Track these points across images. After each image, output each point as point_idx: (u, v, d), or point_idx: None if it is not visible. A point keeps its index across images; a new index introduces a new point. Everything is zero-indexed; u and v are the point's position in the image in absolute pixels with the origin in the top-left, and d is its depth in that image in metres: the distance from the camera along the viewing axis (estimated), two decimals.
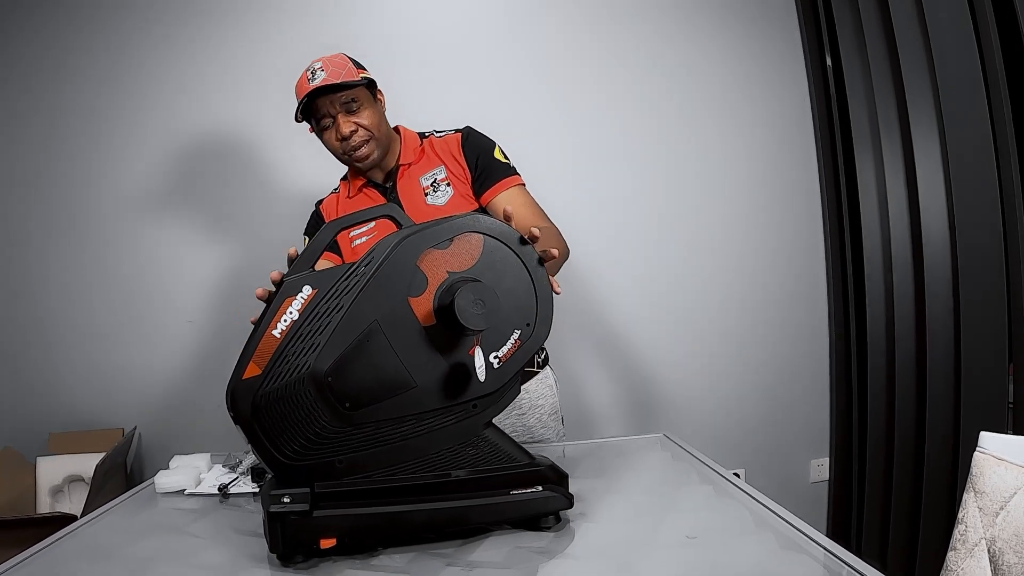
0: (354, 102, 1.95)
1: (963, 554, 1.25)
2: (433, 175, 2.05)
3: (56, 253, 3.14)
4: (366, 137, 1.97)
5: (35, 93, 3.15)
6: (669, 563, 1.23)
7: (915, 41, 2.66)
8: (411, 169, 2.07)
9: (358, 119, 1.96)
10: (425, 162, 2.08)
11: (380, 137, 2.01)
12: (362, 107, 1.97)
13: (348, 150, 1.98)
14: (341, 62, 1.96)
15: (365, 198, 2.10)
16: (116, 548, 1.44)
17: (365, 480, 1.28)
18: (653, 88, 3.36)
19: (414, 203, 2.02)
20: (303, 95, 1.92)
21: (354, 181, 2.13)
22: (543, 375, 2.18)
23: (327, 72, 1.91)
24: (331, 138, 1.99)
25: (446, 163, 2.05)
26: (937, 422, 2.65)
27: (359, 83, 1.95)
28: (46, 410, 3.13)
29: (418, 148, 2.10)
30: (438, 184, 2.04)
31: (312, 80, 1.91)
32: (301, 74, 1.96)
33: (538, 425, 2.14)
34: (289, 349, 1.22)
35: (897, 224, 2.85)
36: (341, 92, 1.93)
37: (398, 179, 2.07)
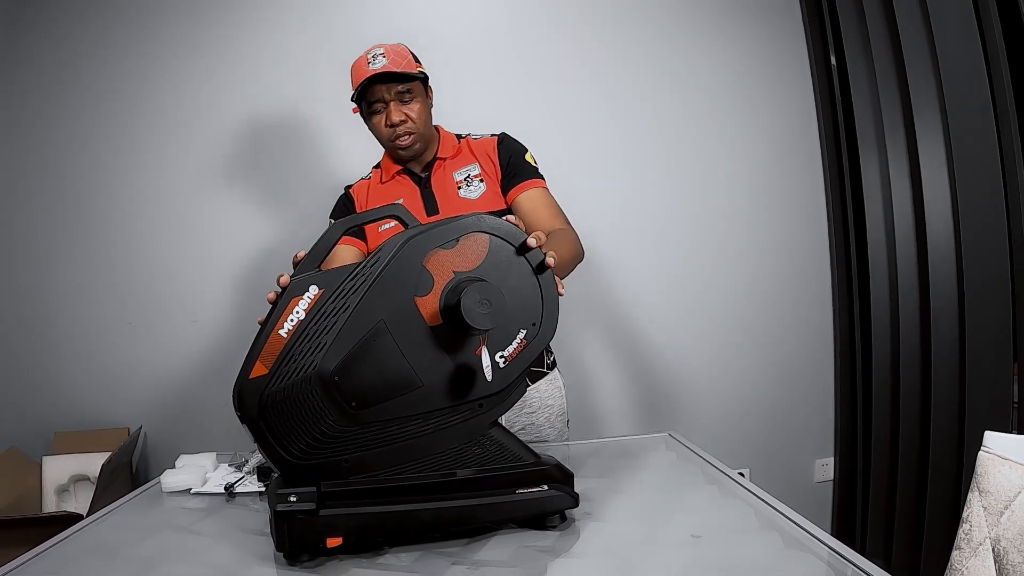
0: (408, 93, 2.02)
1: (967, 553, 1.25)
2: (467, 171, 2.12)
3: (62, 253, 3.15)
4: (413, 128, 2.04)
5: (40, 92, 3.16)
6: (674, 562, 1.23)
7: (919, 40, 2.66)
8: (447, 163, 2.14)
9: (409, 110, 2.02)
10: (461, 158, 2.15)
11: (425, 131, 2.08)
12: (415, 99, 2.04)
13: (394, 137, 2.04)
14: (403, 52, 2.03)
15: (398, 185, 2.15)
16: (122, 547, 1.45)
17: (371, 479, 1.28)
18: (656, 88, 3.36)
19: (447, 195, 2.09)
20: (364, 78, 1.97)
21: (388, 168, 2.18)
22: (552, 377, 2.23)
23: (388, 59, 1.97)
24: (380, 123, 2.04)
25: (480, 161, 2.12)
26: (942, 421, 2.64)
27: (417, 76, 2.03)
28: (52, 410, 3.14)
29: (456, 146, 2.18)
30: (471, 179, 2.10)
31: (372, 64, 1.97)
32: (359, 56, 2.02)
33: (546, 424, 2.18)
34: (296, 349, 1.22)
35: (901, 223, 2.85)
36: (399, 82, 1.99)
37: (433, 171, 2.13)
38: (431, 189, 2.11)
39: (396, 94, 2.00)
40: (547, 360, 2.22)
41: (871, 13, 2.90)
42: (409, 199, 2.11)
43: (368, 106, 2.04)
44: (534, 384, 2.16)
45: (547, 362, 2.22)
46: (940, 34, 2.55)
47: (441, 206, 2.08)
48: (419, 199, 2.11)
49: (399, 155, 2.11)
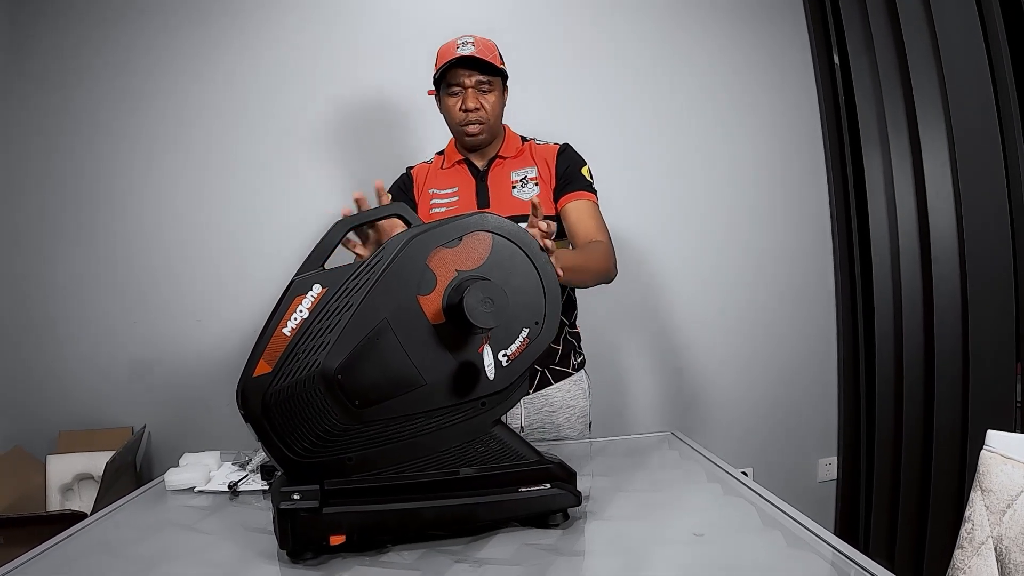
0: (488, 84, 2.07)
1: (970, 552, 1.25)
2: (525, 172, 2.15)
3: (66, 252, 3.16)
4: (485, 119, 2.08)
5: (44, 92, 3.16)
6: (677, 560, 1.23)
7: (923, 39, 2.66)
8: (507, 162, 2.18)
9: (485, 100, 2.07)
10: (521, 160, 2.19)
11: (495, 125, 2.13)
12: (492, 92, 2.09)
13: (465, 123, 2.08)
14: (491, 46, 2.10)
15: (457, 174, 2.19)
16: (126, 545, 1.45)
17: (374, 477, 1.28)
18: (658, 87, 3.36)
19: (501, 192, 2.13)
20: (450, 58, 2.01)
21: (451, 156, 2.23)
22: (578, 378, 2.24)
23: (476, 48, 2.02)
24: (455, 106, 2.08)
25: (539, 166, 2.16)
26: (944, 420, 2.65)
27: (501, 70, 2.08)
28: (56, 409, 3.14)
29: (519, 147, 2.22)
30: (527, 181, 2.13)
31: (460, 49, 2.02)
32: (448, 41, 2.08)
33: (565, 424, 2.19)
34: (299, 347, 1.23)
35: (905, 223, 2.85)
36: (482, 72, 2.05)
37: (493, 167, 2.17)
38: (487, 184, 2.15)
39: (476, 82, 2.05)
40: (574, 360, 2.23)
41: (874, 11, 2.90)
42: (464, 189, 2.15)
43: (447, 87, 2.08)
44: (557, 384, 2.18)
45: (574, 363, 2.23)
46: (943, 32, 2.55)
47: (493, 201, 2.11)
48: (473, 192, 2.14)
49: (465, 142, 2.14)
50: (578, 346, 2.27)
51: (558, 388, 2.17)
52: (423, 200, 2.16)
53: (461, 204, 2.11)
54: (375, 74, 3.23)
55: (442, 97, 2.12)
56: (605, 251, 1.98)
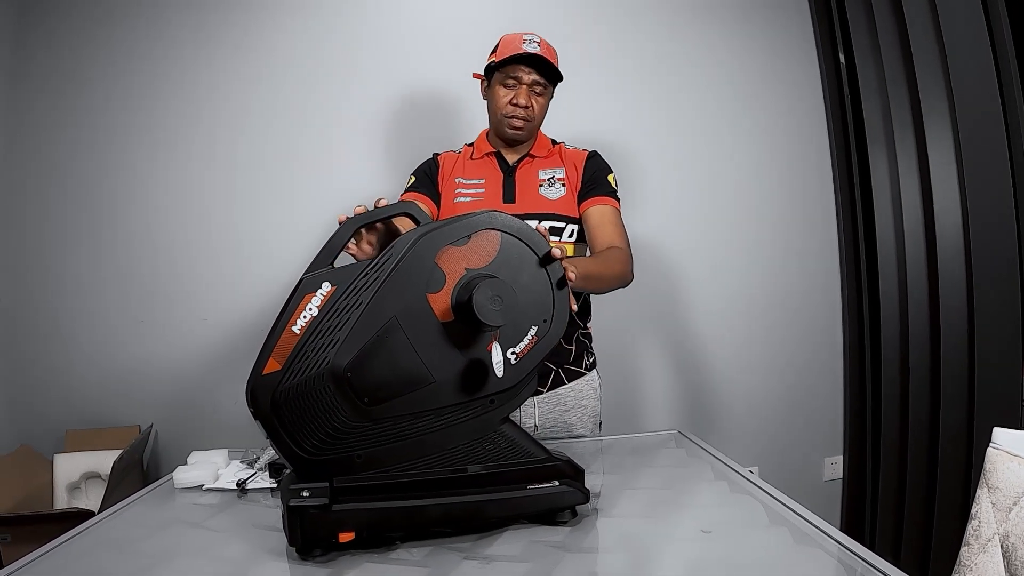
0: (543, 87, 2.09)
1: (976, 549, 1.25)
2: (553, 173, 2.16)
3: (72, 252, 3.16)
4: (531, 117, 2.09)
5: (48, 93, 3.16)
6: (684, 557, 1.24)
7: (928, 39, 2.66)
8: (536, 161, 2.19)
9: (535, 101, 2.09)
10: (551, 160, 2.20)
11: (536, 128, 2.16)
12: (544, 95, 2.11)
13: (511, 115, 2.08)
14: (554, 51, 2.12)
15: (485, 166, 2.20)
16: (134, 542, 1.45)
17: (383, 475, 1.29)
18: (665, 87, 3.37)
19: (527, 189, 2.14)
20: (517, 52, 2.02)
21: (481, 148, 2.23)
22: (590, 377, 2.25)
23: (541, 48, 2.04)
24: (506, 98, 2.08)
25: (567, 168, 2.18)
26: (950, 418, 2.65)
27: (559, 77, 2.10)
28: (63, 407, 3.15)
29: (550, 148, 2.24)
30: (554, 181, 2.15)
31: (526, 46, 2.02)
32: (512, 34, 2.09)
33: (578, 424, 2.19)
34: (309, 345, 1.23)
35: (911, 222, 2.85)
36: (542, 74, 2.07)
37: (522, 164, 2.18)
38: (514, 179, 2.16)
39: (533, 82, 2.06)
40: (587, 360, 2.24)
41: (879, 10, 2.90)
42: (491, 182, 2.16)
43: (503, 78, 2.08)
44: (570, 383, 2.18)
45: (587, 363, 2.24)
46: (948, 31, 2.55)
47: (519, 197, 2.12)
48: (500, 185, 2.15)
49: (505, 134, 2.13)
50: (590, 346, 2.28)
51: (571, 388, 2.18)
52: (447, 187, 2.16)
53: (487, 196, 2.12)
54: (381, 74, 3.24)
55: (493, 85, 2.12)
56: (623, 257, 1.98)
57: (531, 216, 2.05)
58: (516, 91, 2.06)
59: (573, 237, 2.12)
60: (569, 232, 2.11)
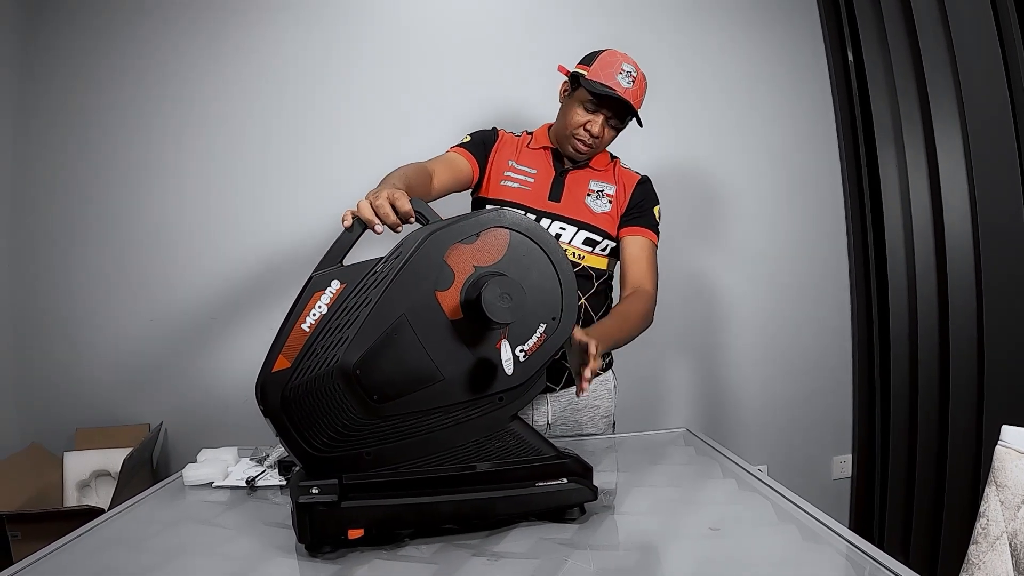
0: (619, 122, 2.05)
1: (985, 548, 1.25)
2: (604, 187, 2.13)
3: (82, 250, 3.17)
4: (597, 147, 2.06)
5: (59, 93, 3.17)
6: (693, 555, 1.24)
7: (937, 37, 2.66)
8: (589, 172, 2.15)
9: (607, 131, 2.04)
10: (604, 174, 2.16)
11: (598, 152, 2.13)
12: (617, 128, 2.07)
13: (580, 138, 2.03)
14: (644, 88, 2.04)
15: (540, 157, 2.16)
16: (145, 539, 1.46)
17: (392, 472, 1.30)
18: (673, 85, 3.35)
19: (574, 196, 2.11)
20: (607, 87, 1.95)
21: (540, 139, 2.19)
22: (604, 378, 2.26)
23: (634, 86, 1.98)
24: (581, 121, 2.02)
25: (618, 186, 2.15)
26: (959, 416, 2.64)
27: (636, 117, 2.03)
28: (73, 405, 3.15)
29: (608, 163, 2.20)
30: (603, 195, 2.12)
31: (620, 78, 1.96)
32: (614, 53, 2.01)
33: (589, 424, 2.20)
34: (318, 343, 1.24)
35: (920, 220, 2.85)
36: (621, 115, 2.03)
37: (575, 169, 2.14)
38: (565, 180, 2.12)
39: (613, 115, 2.02)
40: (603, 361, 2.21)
41: (888, 8, 2.90)
42: (541, 176, 2.12)
43: (584, 96, 2.00)
44: None
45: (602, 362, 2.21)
46: (957, 28, 2.55)
47: (565, 198, 2.10)
48: (549, 182, 2.11)
49: (566, 151, 2.10)
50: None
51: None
52: (497, 165, 2.13)
53: (535, 188, 2.09)
54: (386, 75, 3.24)
55: (573, 99, 2.04)
56: (644, 308, 1.97)
57: (571, 222, 2.05)
58: (593, 118, 2.01)
59: (606, 251, 2.11)
60: (603, 247, 2.09)
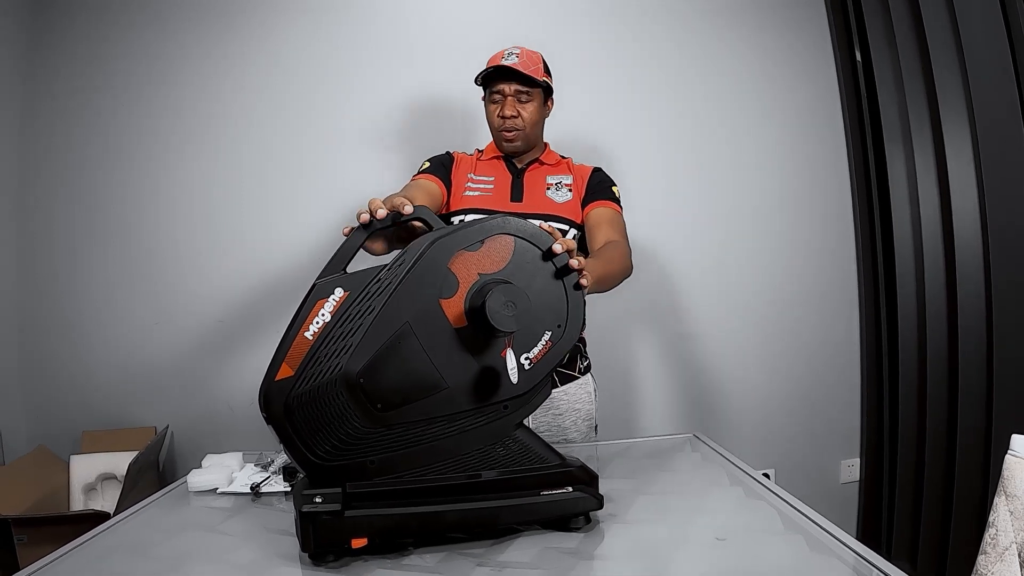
0: (527, 95, 2.16)
1: (994, 558, 1.24)
2: (560, 179, 2.24)
3: (88, 253, 3.17)
4: (520, 126, 2.17)
5: (64, 94, 3.18)
6: (699, 564, 1.23)
7: (946, 36, 2.65)
8: (545, 168, 2.27)
9: (523, 109, 2.17)
10: (558, 169, 2.29)
11: (530, 136, 2.22)
12: (531, 102, 2.18)
13: (502, 129, 2.18)
14: (536, 59, 2.19)
15: (495, 166, 2.27)
16: (150, 546, 1.46)
17: (396, 480, 1.29)
18: (683, 85, 3.35)
19: (535, 193, 2.21)
20: (491, 65, 2.15)
21: (490, 152, 2.31)
22: (583, 381, 2.27)
23: (520, 59, 2.13)
24: (494, 112, 2.18)
25: (575, 177, 2.26)
26: (968, 424, 2.63)
27: (537, 83, 2.16)
28: (79, 409, 3.16)
29: (559, 160, 2.32)
30: (562, 186, 2.22)
31: (505, 60, 2.13)
32: (499, 51, 2.19)
33: (571, 428, 2.22)
34: (321, 351, 1.23)
35: (928, 222, 2.83)
36: (521, 83, 2.14)
37: (530, 168, 2.26)
38: (523, 180, 2.23)
39: (515, 91, 2.14)
40: (580, 364, 2.26)
41: (896, 7, 2.88)
42: (500, 183, 2.22)
43: (490, 94, 2.19)
44: (563, 387, 2.21)
45: (580, 367, 2.26)
46: (966, 28, 2.54)
47: (526, 197, 2.19)
48: (508, 186, 2.21)
49: (502, 147, 2.23)
50: (584, 350, 2.30)
51: (564, 391, 2.21)
52: (458, 181, 2.22)
53: (496, 192, 2.19)
54: (387, 78, 3.23)
55: (486, 103, 2.21)
56: (622, 251, 2.01)
57: (537, 216, 2.07)
58: (502, 104, 2.16)
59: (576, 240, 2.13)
60: (572, 235, 2.15)
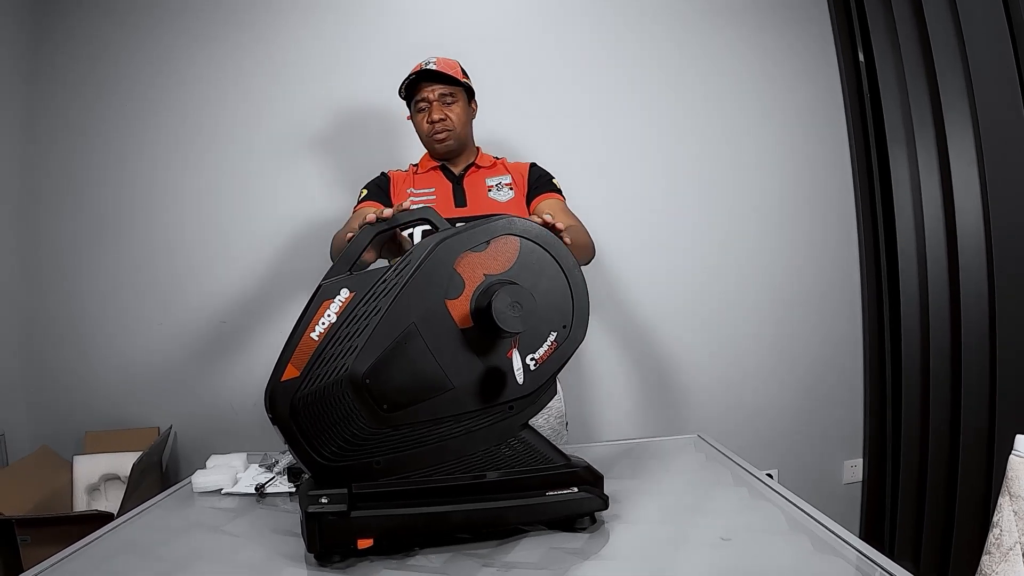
0: (451, 97, 2.23)
1: (998, 558, 1.24)
2: (500, 179, 2.30)
3: (91, 254, 3.17)
4: (450, 127, 2.22)
5: (67, 96, 3.18)
6: (703, 565, 1.23)
7: (948, 35, 2.64)
8: (481, 171, 2.32)
9: (450, 111, 2.22)
10: (495, 170, 2.34)
11: (461, 135, 2.27)
12: (456, 103, 2.24)
13: (433, 133, 2.22)
14: (453, 63, 2.27)
15: (432, 178, 2.31)
16: (154, 546, 1.46)
17: (402, 481, 1.29)
18: (684, 86, 3.35)
19: (477, 195, 2.25)
20: (413, 72, 2.21)
21: (425, 164, 2.35)
22: None
23: (438, 65, 2.20)
24: (422, 120, 2.24)
25: (513, 175, 2.31)
26: (972, 424, 2.62)
27: (461, 82, 2.24)
28: (82, 409, 3.16)
29: (493, 161, 2.37)
30: (502, 186, 2.27)
31: (424, 67, 2.19)
32: (416, 64, 2.25)
33: (545, 426, 2.24)
34: (327, 351, 1.23)
35: (931, 221, 2.83)
36: (444, 84, 2.21)
37: (468, 173, 2.30)
38: (463, 186, 2.27)
39: (440, 96, 2.21)
40: None
41: (898, 7, 2.88)
42: (441, 191, 2.26)
43: (415, 104, 2.24)
44: None
45: None
46: (968, 28, 2.53)
47: (470, 201, 2.22)
48: (450, 193, 2.25)
49: (435, 150, 2.27)
50: None
51: None
52: (399, 199, 2.25)
53: (439, 201, 2.21)
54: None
55: (412, 114, 2.29)
56: (586, 231, 2.10)
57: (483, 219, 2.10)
58: (429, 110, 2.21)
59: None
60: None
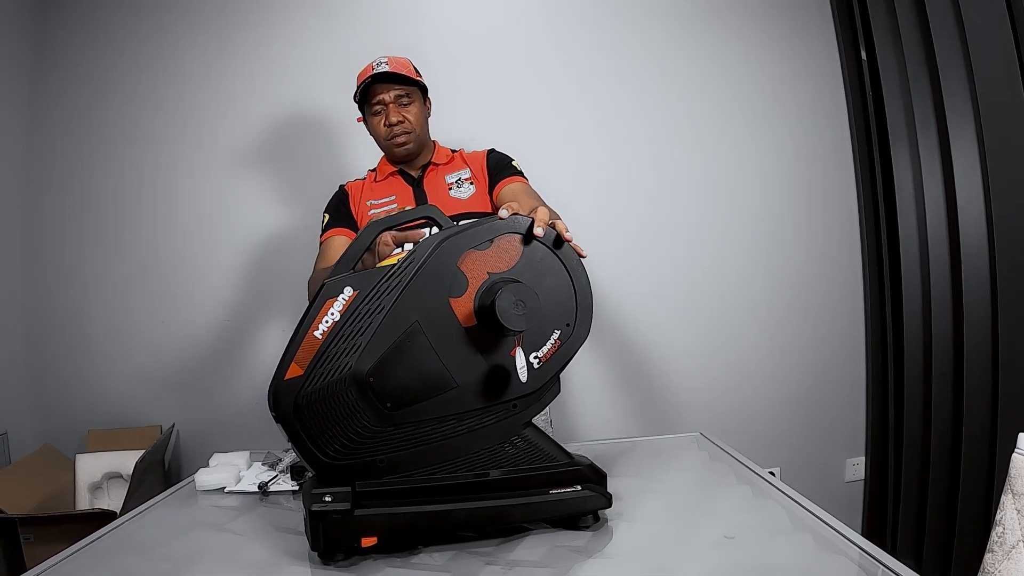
0: (407, 97, 2.19)
1: (1000, 556, 1.24)
2: (459, 175, 2.28)
3: (94, 252, 3.18)
4: (409, 128, 2.19)
5: (68, 95, 3.19)
6: (706, 563, 1.23)
7: (951, 35, 2.64)
8: (440, 168, 2.30)
9: (407, 112, 2.19)
10: (453, 165, 2.32)
11: (420, 134, 2.23)
12: (412, 103, 2.20)
13: (391, 136, 2.19)
14: (405, 62, 2.22)
15: (391, 184, 2.29)
16: (157, 545, 1.46)
17: (406, 479, 1.29)
18: (686, 86, 3.35)
19: (438, 194, 2.24)
20: (365, 77, 2.15)
21: (383, 170, 2.33)
22: None
23: (390, 66, 2.14)
24: (379, 123, 2.19)
25: (472, 168, 2.29)
26: (974, 421, 2.62)
27: (416, 81, 2.21)
28: (85, 407, 3.17)
29: (449, 155, 2.34)
30: (462, 182, 2.26)
31: (376, 69, 2.14)
32: (365, 66, 2.19)
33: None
34: (331, 350, 1.23)
35: (934, 220, 2.83)
36: (398, 85, 2.17)
37: (427, 173, 2.29)
38: (423, 188, 2.26)
39: (395, 97, 2.17)
40: None
41: (901, 7, 2.88)
42: (401, 196, 2.25)
43: (370, 107, 2.20)
44: None
45: None
46: (971, 27, 2.53)
47: (431, 202, 2.16)
48: (411, 197, 2.24)
49: (395, 154, 2.25)
50: None
51: None
52: (361, 212, 2.24)
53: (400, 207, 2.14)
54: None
55: (367, 118, 2.24)
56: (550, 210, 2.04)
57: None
58: (385, 112, 2.17)
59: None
60: None
